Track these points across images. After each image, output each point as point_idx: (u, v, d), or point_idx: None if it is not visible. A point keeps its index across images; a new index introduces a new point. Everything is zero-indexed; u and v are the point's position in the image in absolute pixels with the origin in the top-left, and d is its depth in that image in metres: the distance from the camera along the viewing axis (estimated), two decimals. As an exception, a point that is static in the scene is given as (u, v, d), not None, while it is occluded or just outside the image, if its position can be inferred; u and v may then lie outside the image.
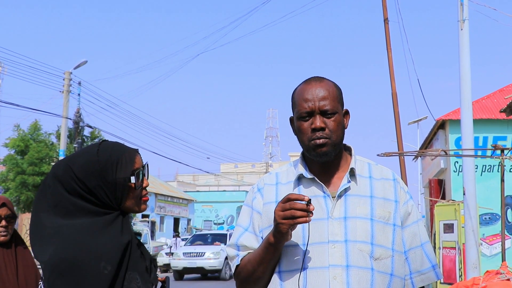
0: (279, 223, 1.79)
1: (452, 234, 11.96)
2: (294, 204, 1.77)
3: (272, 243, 1.85)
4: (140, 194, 1.91)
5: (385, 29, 14.85)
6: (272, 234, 1.85)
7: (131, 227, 1.88)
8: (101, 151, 1.85)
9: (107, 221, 1.80)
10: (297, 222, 1.77)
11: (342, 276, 1.84)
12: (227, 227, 50.11)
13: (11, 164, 22.68)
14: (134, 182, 1.86)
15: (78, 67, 23.91)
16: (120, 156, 1.86)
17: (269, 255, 1.88)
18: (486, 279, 4.15)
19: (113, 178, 1.82)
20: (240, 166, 68.32)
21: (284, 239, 1.83)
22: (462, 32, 8.24)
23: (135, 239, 1.86)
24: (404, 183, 2.08)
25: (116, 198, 1.83)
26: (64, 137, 22.85)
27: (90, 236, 1.75)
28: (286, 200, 1.79)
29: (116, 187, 1.83)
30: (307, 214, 1.76)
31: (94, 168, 1.81)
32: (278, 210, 1.80)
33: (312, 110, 1.93)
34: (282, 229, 1.79)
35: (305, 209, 1.76)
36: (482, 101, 17.00)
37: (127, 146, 1.94)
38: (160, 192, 40.88)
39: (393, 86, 14.60)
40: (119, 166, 1.84)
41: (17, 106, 20.37)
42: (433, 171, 18.46)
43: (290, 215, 1.77)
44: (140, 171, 1.89)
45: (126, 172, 1.85)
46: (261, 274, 1.93)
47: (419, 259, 1.98)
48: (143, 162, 1.94)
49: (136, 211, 1.92)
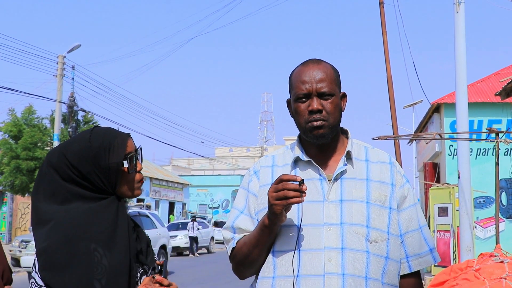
0: (273, 204, 1.79)
1: (446, 217, 12.04)
2: (287, 185, 1.76)
3: (267, 225, 1.85)
4: (134, 178, 1.91)
5: (381, 12, 14.78)
6: (266, 216, 1.85)
7: (126, 211, 1.88)
8: (93, 137, 1.86)
9: (102, 205, 1.82)
10: (290, 202, 1.77)
11: (337, 258, 1.84)
12: (222, 211, 50.31)
13: (5, 149, 22.61)
14: (127, 166, 1.87)
15: (72, 51, 23.75)
16: (112, 141, 1.87)
17: (264, 237, 1.88)
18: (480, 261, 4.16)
19: (106, 163, 1.83)
20: (235, 150, 68.37)
21: (279, 221, 1.83)
22: (457, 15, 8.21)
23: (130, 223, 1.87)
24: (400, 167, 2.07)
25: (110, 183, 1.85)
26: (58, 121, 22.77)
27: (84, 220, 1.77)
28: (278, 181, 1.79)
29: (110, 172, 1.84)
30: (300, 194, 1.76)
31: (87, 154, 1.83)
32: (271, 191, 1.80)
33: (310, 92, 1.92)
34: (276, 210, 1.79)
35: (297, 189, 1.76)
36: (477, 85, 17.02)
37: (119, 131, 1.95)
38: (155, 176, 40.90)
39: (388, 69, 14.58)
40: (111, 151, 1.85)
41: (11, 90, 20.24)
42: (428, 155, 18.52)
43: (283, 196, 1.76)
44: (132, 155, 1.90)
45: (119, 157, 1.86)
46: (256, 256, 1.92)
47: (416, 243, 1.98)
48: (136, 146, 1.94)
49: (131, 196, 1.91)
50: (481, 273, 3.79)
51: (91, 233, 1.75)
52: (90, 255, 1.73)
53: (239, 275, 2.05)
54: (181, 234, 25.99)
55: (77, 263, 1.72)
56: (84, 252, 1.73)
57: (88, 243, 1.74)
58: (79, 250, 1.73)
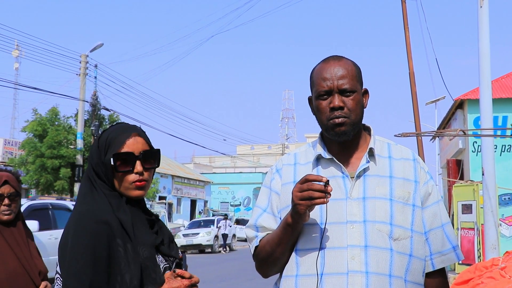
0: (297, 203, 1.78)
1: (470, 214, 11.89)
2: (312, 185, 1.76)
3: (290, 224, 1.85)
4: (126, 179, 1.87)
5: (402, 7, 14.65)
6: (290, 214, 1.84)
7: (125, 207, 1.85)
8: (106, 130, 1.93)
9: (111, 197, 1.83)
10: (314, 203, 1.76)
11: (360, 256, 1.83)
12: (243, 208, 50.39)
13: (30, 148, 22.91)
14: (112, 164, 1.85)
15: (94, 50, 24.01)
16: (113, 138, 1.88)
17: (287, 236, 1.88)
18: (506, 259, 4.10)
19: (104, 159, 1.86)
20: (256, 148, 68.38)
21: (302, 220, 1.83)
22: (481, 9, 8.09)
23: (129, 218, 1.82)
24: (424, 163, 2.05)
25: (108, 179, 1.86)
26: (81, 120, 23.02)
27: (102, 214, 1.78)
28: (304, 181, 1.78)
29: (106, 167, 1.86)
30: (324, 195, 1.75)
31: (95, 146, 1.91)
32: (296, 190, 1.79)
33: (331, 89, 1.91)
34: (300, 210, 1.78)
35: (322, 190, 1.75)
36: (502, 80, 16.76)
37: (127, 128, 1.92)
38: (176, 174, 41.14)
39: (411, 65, 14.44)
40: (110, 147, 1.87)
41: (35, 89, 20.60)
42: (451, 152, 18.31)
43: (308, 196, 1.76)
44: (129, 155, 1.86)
45: (110, 154, 1.86)
46: (279, 255, 1.92)
47: (439, 240, 1.96)
48: (145, 147, 1.90)
49: (129, 196, 1.87)
50: (506, 272, 3.73)
51: (113, 224, 1.76)
52: (115, 251, 1.74)
53: (262, 274, 2.05)
54: (203, 232, 26.07)
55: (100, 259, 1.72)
56: (107, 248, 1.73)
57: (112, 238, 1.74)
58: (101, 245, 1.73)
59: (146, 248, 1.80)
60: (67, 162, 23.12)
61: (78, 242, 1.72)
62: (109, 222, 1.76)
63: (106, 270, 1.71)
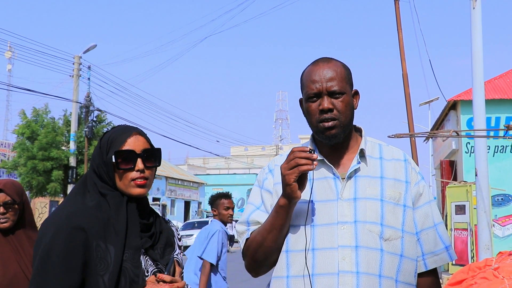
0: (285, 174, 1.79)
1: (464, 215, 11.92)
2: (297, 153, 1.78)
3: (282, 205, 1.84)
4: (127, 176, 1.89)
5: (396, 8, 14.70)
6: (282, 195, 1.84)
7: (123, 208, 1.85)
8: (107, 132, 1.96)
9: (110, 198, 1.85)
10: (301, 170, 1.77)
11: (351, 256, 1.83)
12: (237, 209, 50.35)
13: (21, 149, 22.77)
14: (114, 161, 1.87)
15: (88, 51, 23.95)
16: (115, 137, 1.91)
17: (279, 219, 1.86)
18: (499, 260, 4.11)
19: (105, 157, 1.89)
20: (250, 149, 68.42)
21: (294, 195, 1.81)
22: (474, 11, 8.12)
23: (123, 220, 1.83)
24: (415, 164, 2.05)
25: (110, 178, 1.88)
26: (74, 121, 22.93)
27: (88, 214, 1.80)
28: (290, 154, 1.81)
29: (107, 167, 1.88)
30: (311, 162, 1.77)
31: (98, 148, 1.93)
32: (283, 164, 1.82)
33: (320, 91, 1.91)
34: (289, 180, 1.78)
35: (308, 157, 1.77)
36: (495, 81, 16.83)
37: (130, 129, 1.95)
38: (170, 175, 41.08)
39: (404, 67, 14.49)
40: (112, 146, 1.89)
41: (28, 90, 20.47)
42: (445, 152, 18.37)
43: (295, 164, 1.77)
44: (130, 152, 1.88)
45: (112, 153, 1.88)
46: (270, 243, 1.90)
47: (432, 240, 1.96)
48: (147, 146, 1.93)
49: (129, 194, 1.88)
50: (500, 272, 3.74)
51: (93, 228, 1.78)
52: (92, 254, 1.75)
53: (253, 271, 2.03)
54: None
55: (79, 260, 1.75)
56: (82, 255, 1.75)
57: (90, 242, 1.76)
58: (81, 245, 1.75)
59: (130, 251, 1.80)
60: (59, 164, 22.99)
61: (52, 249, 1.74)
62: (87, 228, 1.77)
63: (79, 276, 1.74)
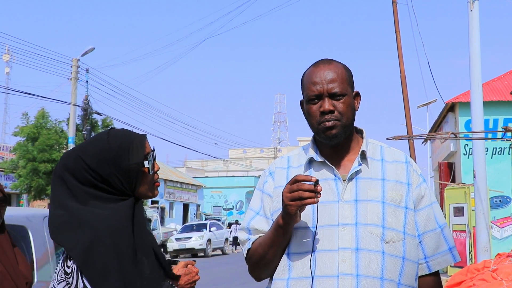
0: (287, 204, 1.78)
1: (462, 217, 11.94)
2: (302, 185, 1.75)
3: (281, 225, 1.84)
4: (153, 179, 1.92)
5: (394, 10, 14.72)
6: (281, 216, 1.84)
7: (143, 213, 1.89)
8: (111, 138, 1.85)
9: (125, 206, 1.80)
10: (305, 203, 1.76)
11: (351, 259, 1.83)
12: (236, 212, 50.32)
13: (22, 151, 22.74)
14: (147, 166, 1.87)
15: (86, 54, 23.93)
16: (131, 142, 1.87)
17: (279, 238, 1.87)
18: (497, 261, 4.11)
19: (127, 164, 1.83)
20: (248, 152, 68.37)
21: (293, 221, 1.82)
22: (471, 13, 8.14)
23: (147, 224, 1.89)
24: (417, 166, 2.05)
25: (130, 184, 1.84)
26: (72, 124, 22.92)
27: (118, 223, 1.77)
28: (293, 182, 1.78)
29: (130, 173, 1.83)
30: (315, 195, 1.75)
31: (106, 156, 1.81)
32: (286, 191, 1.79)
33: (321, 93, 1.91)
34: (290, 210, 1.78)
35: (312, 190, 1.75)
36: (492, 83, 16.87)
37: (135, 132, 1.96)
38: (169, 178, 41.03)
39: (402, 69, 14.50)
40: (131, 151, 1.85)
41: (27, 94, 20.45)
42: (443, 154, 18.39)
43: (298, 196, 1.75)
44: (151, 155, 1.91)
45: (139, 157, 1.86)
46: (271, 257, 1.92)
47: (435, 242, 1.96)
48: (151, 147, 1.95)
49: (150, 196, 1.91)
50: (498, 274, 3.75)
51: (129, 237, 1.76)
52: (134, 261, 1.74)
53: (255, 277, 2.05)
54: (196, 236, 26.01)
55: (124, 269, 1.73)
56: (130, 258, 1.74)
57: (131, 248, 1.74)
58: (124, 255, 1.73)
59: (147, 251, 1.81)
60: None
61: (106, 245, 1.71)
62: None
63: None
